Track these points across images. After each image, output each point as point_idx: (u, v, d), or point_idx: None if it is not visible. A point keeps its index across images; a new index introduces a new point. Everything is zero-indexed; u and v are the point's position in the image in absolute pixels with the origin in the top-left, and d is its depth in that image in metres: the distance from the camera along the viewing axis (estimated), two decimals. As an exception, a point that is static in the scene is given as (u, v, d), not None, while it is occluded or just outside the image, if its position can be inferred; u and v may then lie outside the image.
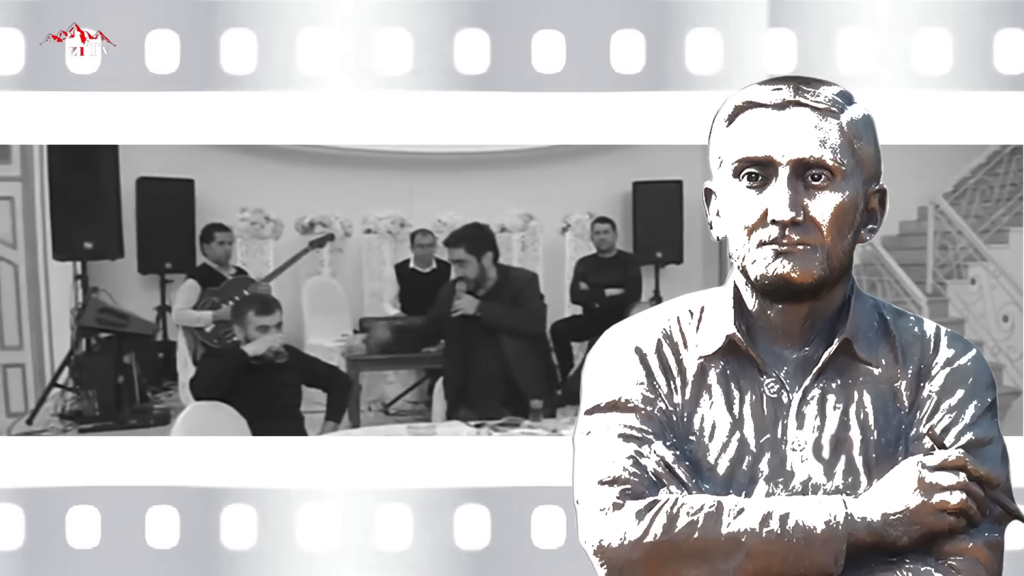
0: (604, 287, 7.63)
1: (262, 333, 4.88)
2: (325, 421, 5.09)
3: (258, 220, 8.31)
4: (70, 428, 6.50)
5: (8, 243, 7.23)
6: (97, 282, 7.32)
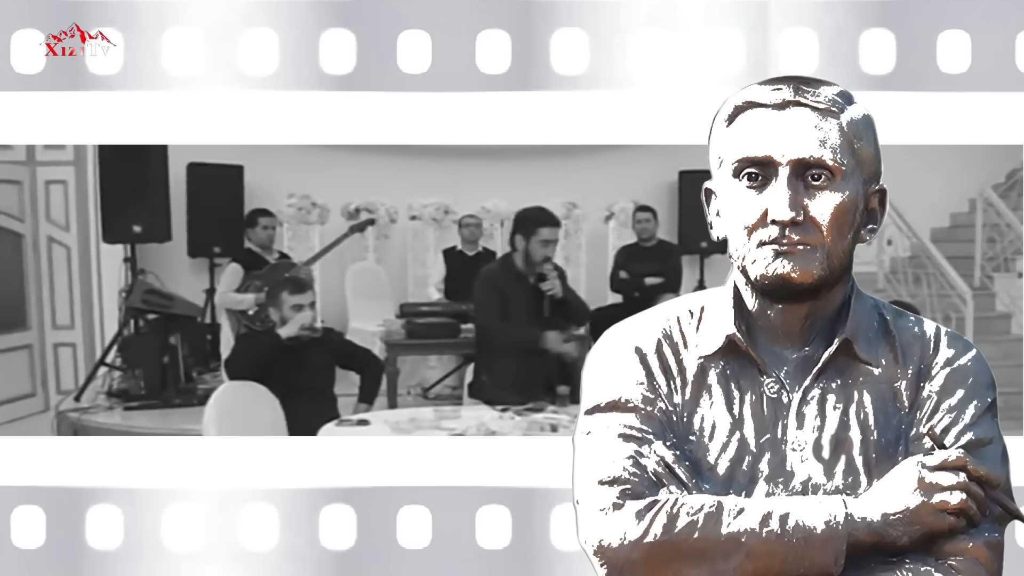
0: (644, 276, 7.62)
1: (296, 312, 4.97)
2: (358, 403, 5.18)
3: (305, 206, 8.40)
4: (116, 406, 6.62)
5: (61, 226, 7.38)
6: (147, 265, 7.42)
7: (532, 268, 5.27)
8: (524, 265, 5.27)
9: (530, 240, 5.24)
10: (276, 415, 4.64)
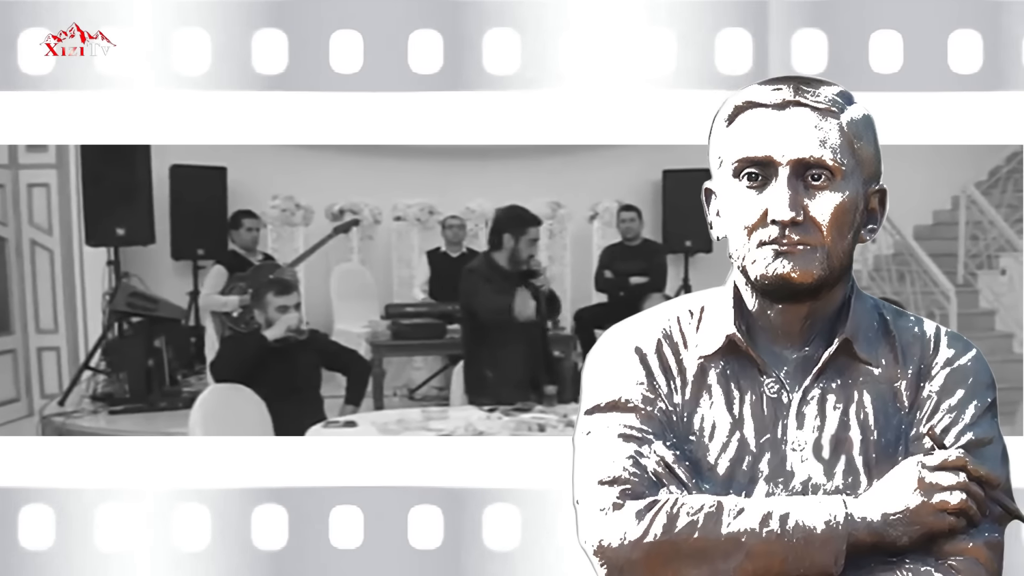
0: (629, 275, 7.64)
1: (282, 313, 4.97)
2: (344, 404, 5.17)
3: (289, 207, 8.38)
4: (101, 409, 6.60)
5: (44, 229, 7.36)
6: (131, 268, 7.41)
7: (517, 266, 5.28)
8: (509, 263, 5.28)
9: (519, 239, 5.25)
10: (262, 417, 4.62)
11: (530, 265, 5.30)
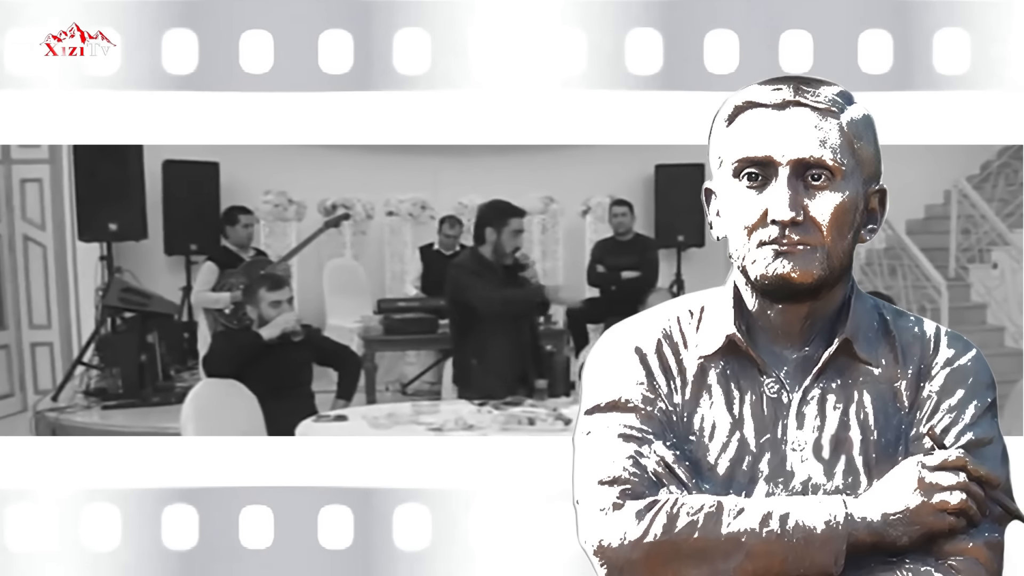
0: (621, 270, 7.64)
1: (274, 308, 4.98)
2: (336, 399, 5.18)
3: (281, 202, 8.38)
4: (94, 405, 6.61)
5: (37, 224, 7.37)
6: (124, 263, 7.42)
7: (502, 259, 5.29)
8: (494, 256, 5.28)
9: (501, 232, 5.26)
10: (254, 413, 4.63)
11: (516, 258, 5.31)
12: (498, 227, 5.26)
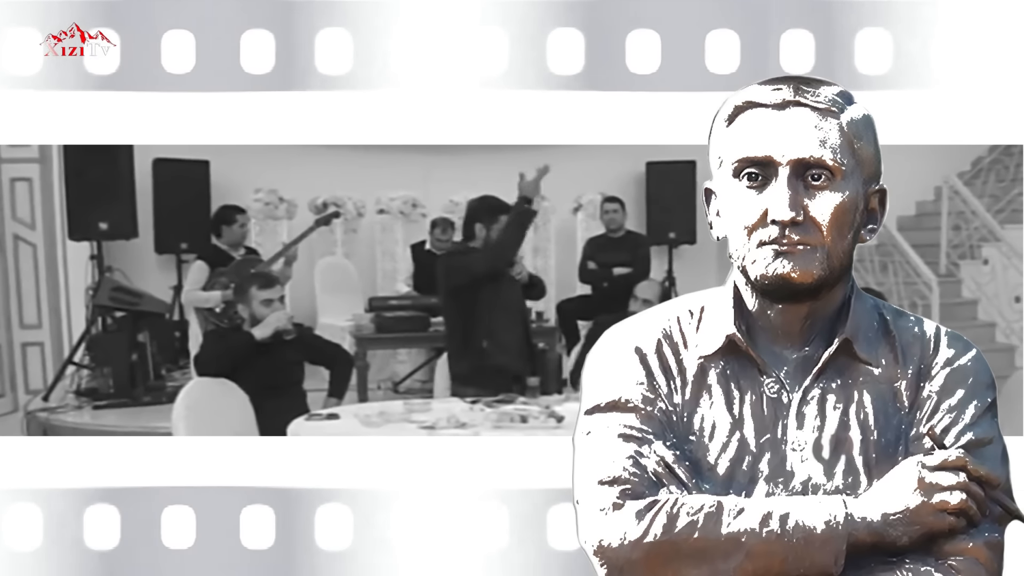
0: (612, 267, 7.65)
1: (266, 307, 4.97)
2: (327, 397, 5.18)
3: (272, 201, 8.38)
4: (85, 405, 6.60)
5: (27, 224, 7.34)
6: (115, 262, 7.40)
7: None
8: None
9: (491, 228, 5.25)
10: (245, 411, 4.63)
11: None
12: (488, 223, 5.26)
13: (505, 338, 5.21)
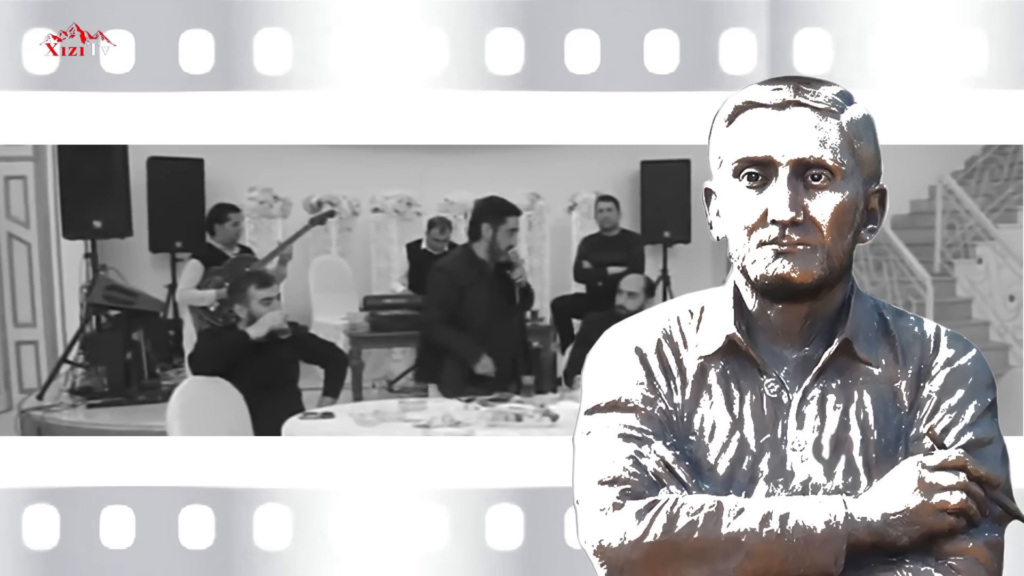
0: (607, 265, 7.64)
1: (264, 306, 4.97)
2: (322, 397, 5.18)
3: (266, 199, 8.36)
4: (79, 403, 6.58)
5: (21, 222, 7.32)
6: (108, 260, 7.38)
7: (496, 256, 5.27)
8: (488, 254, 5.27)
9: (498, 229, 5.25)
10: (240, 410, 4.62)
11: (508, 256, 5.31)
12: (495, 224, 5.26)
13: (497, 341, 5.22)
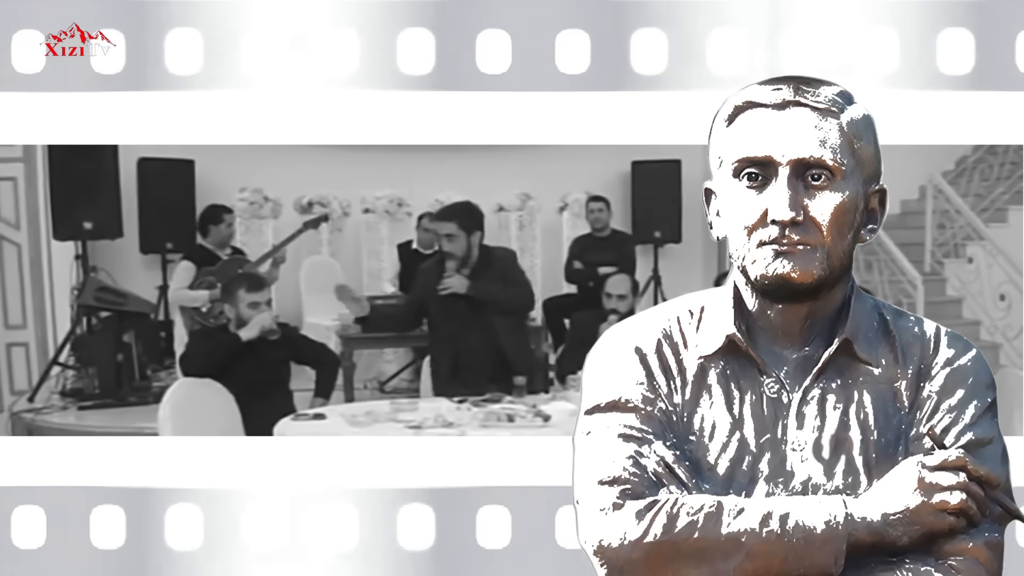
0: (598, 266, 7.64)
1: (253, 309, 4.96)
2: (314, 398, 5.17)
3: (257, 200, 8.35)
4: (70, 405, 6.57)
5: (11, 223, 7.30)
6: (100, 262, 7.37)
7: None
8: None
9: (472, 234, 5.29)
10: (231, 412, 4.62)
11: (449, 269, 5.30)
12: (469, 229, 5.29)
13: (462, 365, 5.22)
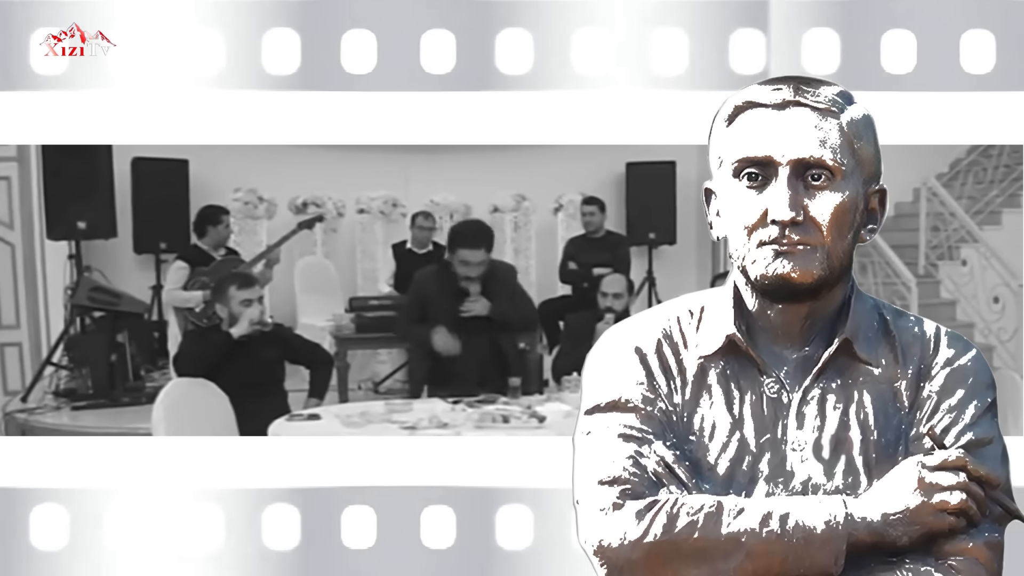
0: (592, 267, 7.64)
1: (245, 307, 4.95)
2: (308, 398, 5.17)
3: (251, 200, 8.33)
4: (64, 406, 6.55)
5: (5, 223, 7.29)
6: (93, 262, 7.35)
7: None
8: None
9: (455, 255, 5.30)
10: (225, 412, 4.61)
11: (465, 285, 5.33)
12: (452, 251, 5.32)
13: (456, 366, 5.23)
